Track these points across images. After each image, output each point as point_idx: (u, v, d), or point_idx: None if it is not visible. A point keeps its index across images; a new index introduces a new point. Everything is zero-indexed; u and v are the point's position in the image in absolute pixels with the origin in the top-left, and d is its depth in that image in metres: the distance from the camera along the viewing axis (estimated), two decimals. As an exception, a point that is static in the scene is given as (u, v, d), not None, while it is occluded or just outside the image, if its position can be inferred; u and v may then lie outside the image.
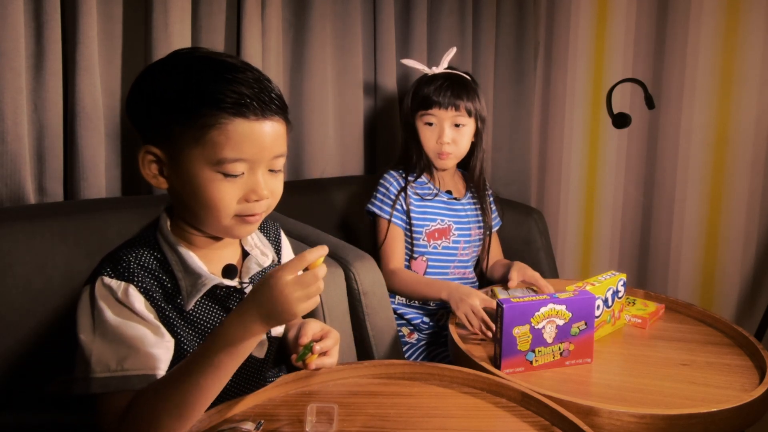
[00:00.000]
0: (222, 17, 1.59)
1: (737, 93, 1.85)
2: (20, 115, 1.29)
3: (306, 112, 1.80)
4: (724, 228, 1.92)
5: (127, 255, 0.82)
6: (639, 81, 1.89)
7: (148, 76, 0.82)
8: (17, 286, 1.16)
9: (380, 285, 1.28)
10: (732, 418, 0.92)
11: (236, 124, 0.77)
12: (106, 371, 0.76)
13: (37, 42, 1.32)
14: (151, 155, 0.81)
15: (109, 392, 0.75)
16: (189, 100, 0.77)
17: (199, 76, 0.78)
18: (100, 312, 0.77)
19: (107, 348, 0.76)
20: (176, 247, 0.84)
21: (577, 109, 2.26)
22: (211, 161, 0.77)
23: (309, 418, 0.81)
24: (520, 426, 0.85)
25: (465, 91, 1.47)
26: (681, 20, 1.94)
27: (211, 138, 0.76)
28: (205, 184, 0.78)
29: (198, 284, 0.83)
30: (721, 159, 1.91)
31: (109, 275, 0.79)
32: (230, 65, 0.79)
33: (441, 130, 1.47)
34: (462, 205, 1.56)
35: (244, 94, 0.77)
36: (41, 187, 1.36)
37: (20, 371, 1.16)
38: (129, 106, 0.84)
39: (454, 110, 1.46)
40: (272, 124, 0.80)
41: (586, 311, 1.08)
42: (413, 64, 1.62)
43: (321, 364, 0.84)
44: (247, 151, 0.78)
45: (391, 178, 1.52)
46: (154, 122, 0.80)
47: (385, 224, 1.49)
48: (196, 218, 0.83)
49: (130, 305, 0.78)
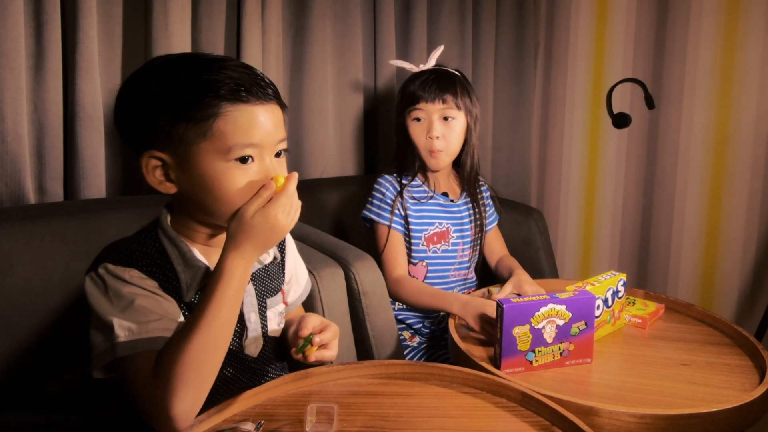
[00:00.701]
0: (222, 17, 1.59)
1: (737, 93, 1.85)
2: (20, 115, 1.29)
3: (306, 112, 1.79)
4: (724, 228, 1.92)
5: (129, 245, 0.83)
6: (639, 81, 1.89)
7: (136, 85, 0.81)
8: (17, 286, 1.16)
9: (380, 285, 1.28)
10: (732, 418, 0.92)
11: (240, 110, 0.78)
12: (131, 335, 0.76)
13: (37, 42, 1.32)
14: (156, 160, 0.80)
15: (137, 353, 0.76)
16: (189, 95, 0.77)
17: (191, 71, 0.78)
18: (113, 289, 0.78)
19: (127, 316, 0.77)
20: (176, 241, 0.84)
21: (577, 109, 2.26)
22: (221, 151, 0.78)
23: (309, 418, 0.81)
24: (520, 426, 0.85)
25: (452, 84, 1.45)
26: (681, 20, 1.94)
27: (218, 128, 0.77)
28: (219, 176, 0.79)
29: (198, 276, 0.84)
30: (721, 159, 1.91)
31: (112, 263, 0.80)
32: (216, 57, 0.81)
33: (430, 123, 1.44)
34: (458, 206, 1.54)
35: (239, 80, 0.78)
36: (41, 187, 1.36)
37: (20, 371, 1.16)
38: (119, 119, 0.83)
39: (441, 103, 1.43)
40: (272, 107, 0.81)
41: (586, 311, 1.08)
42: (400, 63, 1.60)
43: (320, 356, 0.86)
44: (254, 135, 0.79)
45: (386, 183, 1.49)
46: (155, 127, 0.79)
47: (385, 230, 1.46)
48: (212, 214, 0.83)
49: (139, 284, 0.79)
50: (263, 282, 0.94)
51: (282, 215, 0.78)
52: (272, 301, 0.95)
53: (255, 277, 0.92)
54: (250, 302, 0.91)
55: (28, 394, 1.17)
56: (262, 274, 0.94)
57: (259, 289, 0.93)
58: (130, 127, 0.82)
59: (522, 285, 1.36)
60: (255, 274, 0.92)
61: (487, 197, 1.62)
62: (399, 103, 1.51)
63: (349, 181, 1.86)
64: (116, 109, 0.82)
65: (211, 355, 0.76)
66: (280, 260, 0.98)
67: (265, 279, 0.94)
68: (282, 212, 0.78)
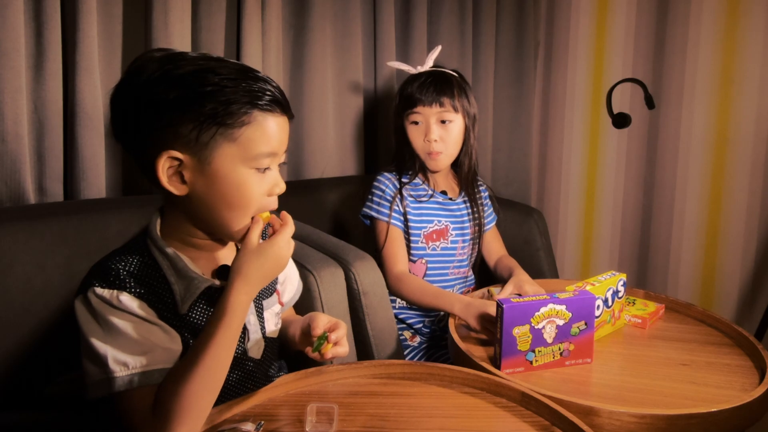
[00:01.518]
0: (222, 17, 1.59)
1: (737, 93, 1.85)
2: (20, 115, 1.29)
3: (306, 112, 1.80)
4: (724, 228, 1.92)
5: (116, 264, 0.81)
6: (639, 81, 1.89)
7: (152, 86, 0.78)
8: (17, 286, 1.16)
9: (380, 285, 1.28)
10: (732, 418, 0.92)
11: (266, 119, 0.80)
12: (126, 369, 0.76)
13: (37, 42, 1.32)
14: (174, 160, 0.78)
15: (133, 389, 0.76)
16: (223, 101, 0.77)
17: (221, 76, 0.78)
18: (102, 317, 0.78)
19: (121, 346, 0.77)
20: (166, 252, 0.83)
21: (577, 109, 2.26)
22: (246, 158, 0.79)
23: (309, 418, 0.81)
24: (520, 426, 0.85)
25: (449, 86, 1.45)
26: (681, 20, 1.94)
27: (247, 135, 0.79)
28: (240, 181, 0.80)
29: (191, 287, 0.83)
30: (721, 159, 1.91)
31: (100, 286, 0.79)
32: (242, 66, 0.82)
33: (427, 127, 1.45)
34: (457, 204, 1.55)
35: (271, 91, 0.81)
36: (41, 187, 1.36)
37: (20, 371, 1.16)
38: (120, 131, 0.81)
39: (439, 106, 1.43)
40: (285, 120, 0.84)
41: (586, 311, 1.08)
42: (399, 65, 1.60)
43: (336, 353, 0.88)
44: (274, 144, 0.81)
45: (386, 180, 1.50)
46: (176, 130, 0.77)
47: (385, 226, 1.46)
48: (215, 218, 0.82)
49: (129, 310, 0.79)
50: None
51: (285, 247, 0.82)
52: (268, 302, 0.96)
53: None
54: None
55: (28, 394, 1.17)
56: None
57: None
58: (141, 130, 0.80)
59: (522, 285, 1.36)
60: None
61: (486, 197, 1.62)
62: (397, 105, 1.51)
63: (349, 181, 1.86)
64: (122, 112, 0.80)
65: (210, 392, 0.77)
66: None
67: None
68: (286, 244, 0.82)
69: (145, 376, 0.77)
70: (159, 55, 0.80)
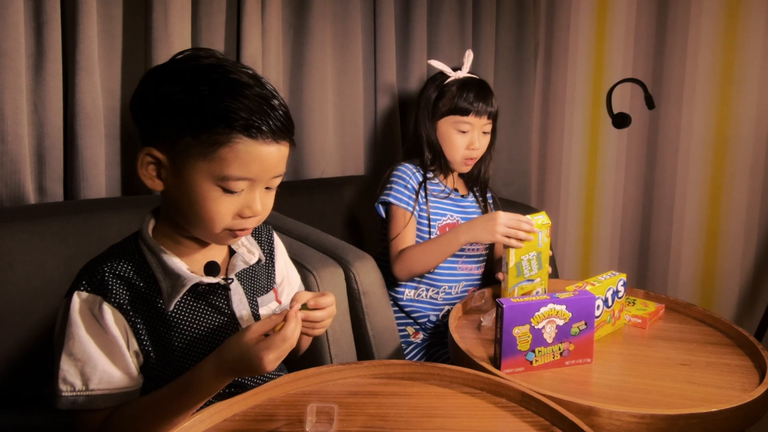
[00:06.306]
0: (222, 17, 1.59)
1: (737, 93, 1.85)
2: (20, 115, 1.29)
3: (306, 112, 1.80)
4: (724, 228, 1.92)
5: (103, 266, 0.83)
6: (639, 81, 1.89)
7: (156, 82, 0.80)
8: (17, 286, 1.16)
9: (380, 285, 1.28)
10: (732, 418, 0.92)
11: (246, 144, 0.77)
12: (72, 391, 0.79)
13: (37, 42, 1.32)
14: (152, 157, 0.81)
15: (76, 411, 0.79)
16: (203, 116, 0.76)
17: (213, 90, 0.77)
18: (72, 328, 0.80)
19: (73, 366, 0.79)
20: (155, 250, 0.84)
21: (577, 109, 2.27)
22: (215, 176, 0.78)
23: (309, 418, 0.81)
24: (520, 426, 0.85)
25: (492, 98, 1.50)
26: (681, 20, 1.94)
27: (220, 155, 0.77)
28: (204, 196, 0.79)
29: (177, 285, 0.84)
30: (721, 159, 1.91)
31: (85, 288, 0.81)
32: (242, 82, 0.78)
33: (473, 137, 1.48)
34: (468, 201, 1.58)
35: (255, 113, 0.77)
36: (41, 187, 1.36)
37: (20, 371, 1.16)
38: (134, 108, 0.83)
39: (487, 118, 1.48)
40: (279, 147, 0.81)
41: (586, 311, 1.08)
42: (439, 65, 1.56)
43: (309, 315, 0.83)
44: (252, 170, 0.79)
45: (409, 171, 1.50)
46: (161, 128, 0.79)
47: (404, 214, 1.46)
48: (188, 224, 0.84)
49: (102, 321, 0.80)
50: (251, 281, 0.95)
51: (275, 361, 0.76)
52: (263, 299, 0.96)
53: (242, 277, 0.92)
54: (239, 301, 0.91)
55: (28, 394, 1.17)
56: (249, 274, 0.94)
57: (248, 288, 0.93)
58: (139, 119, 0.83)
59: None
60: (242, 274, 0.92)
61: (489, 197, 1.65)
62: (438, 106, 1.50)
63: (349, 181, 1.86)
64: (133, 98, 0.82)
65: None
66: (264, 262, 0.98)
67: (252, 278, 0.95)
68: (277, 358, 0.76)
69: (88, 400, 0.79)
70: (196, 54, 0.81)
